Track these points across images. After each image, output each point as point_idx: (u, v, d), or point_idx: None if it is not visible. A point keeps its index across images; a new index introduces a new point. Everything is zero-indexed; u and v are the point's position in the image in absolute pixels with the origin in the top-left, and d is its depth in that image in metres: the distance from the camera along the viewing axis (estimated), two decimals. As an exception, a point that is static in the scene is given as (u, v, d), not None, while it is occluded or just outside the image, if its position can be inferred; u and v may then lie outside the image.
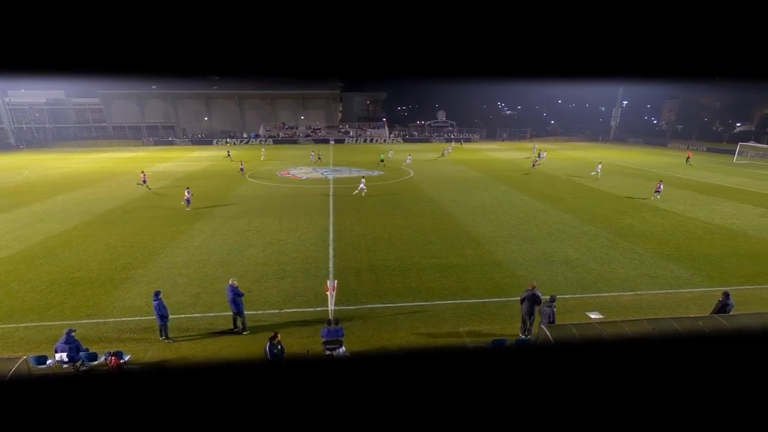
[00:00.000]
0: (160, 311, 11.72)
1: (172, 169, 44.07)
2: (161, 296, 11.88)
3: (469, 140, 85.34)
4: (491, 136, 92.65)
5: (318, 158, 51.09)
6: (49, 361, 10.31)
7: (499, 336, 11.70)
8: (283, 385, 1.01)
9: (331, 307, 12.41)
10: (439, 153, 59.11)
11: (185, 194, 26.65)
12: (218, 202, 28.03)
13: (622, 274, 16.11)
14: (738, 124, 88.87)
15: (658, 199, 28.56)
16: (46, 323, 12.72)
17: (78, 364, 10.33)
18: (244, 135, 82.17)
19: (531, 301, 11.76)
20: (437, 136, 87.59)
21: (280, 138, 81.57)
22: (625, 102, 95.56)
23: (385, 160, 48.44)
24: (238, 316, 12.33)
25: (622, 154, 60.89)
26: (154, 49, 0.97)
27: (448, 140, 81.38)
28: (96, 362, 10.43)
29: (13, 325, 12.60)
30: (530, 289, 11.90)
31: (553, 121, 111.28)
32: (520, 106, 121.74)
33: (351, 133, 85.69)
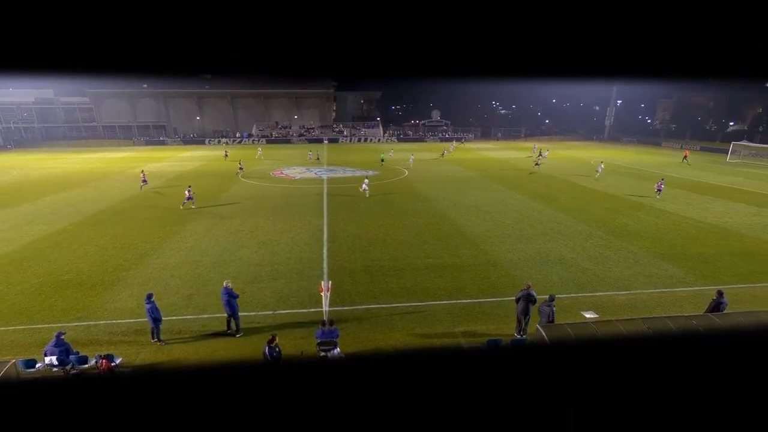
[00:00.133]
0: (153, 314, 11.57)
1: (163, 170, 43.66)
2: (154, 299, 11.74)
3: (459, 140, 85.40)
4: (486, 135, 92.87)
5: (317, 158, 50.87)
6: (38, 365, 10.16)
7: (495, 336, 11.68)
8: (281, 387, 1.00)
9: (325, 308, 12.34)
10: (438, 152, 58.91)
11: (186, 193, 26.63)
12: (211, 203, 27.81)
13: (617, 274, 16.16)
14: (731, 124, 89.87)
15: (659, 197, 28.97)
16: (35, 326, 12.53)
17: (68, 367, 10.20)
18: (237, 135, 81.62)
19: (526, 301, 11.77)
20: (432, 136, 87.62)
21: (273, 138, 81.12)
22: (620, 101, 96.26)
23: (385, 160, 48.38)
24: (232, 317, 12.20)
25: (616, 153, 61.22)
26: (146, 47, 0.94)
27: (449, 140, 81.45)
28: (86, 365, 10.30)
29: (2, 328, 12.38)
30: (525, 288, 11.91)
31: (547, 121, 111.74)
32: (514, 106, 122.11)
33: (345, 133, 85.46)
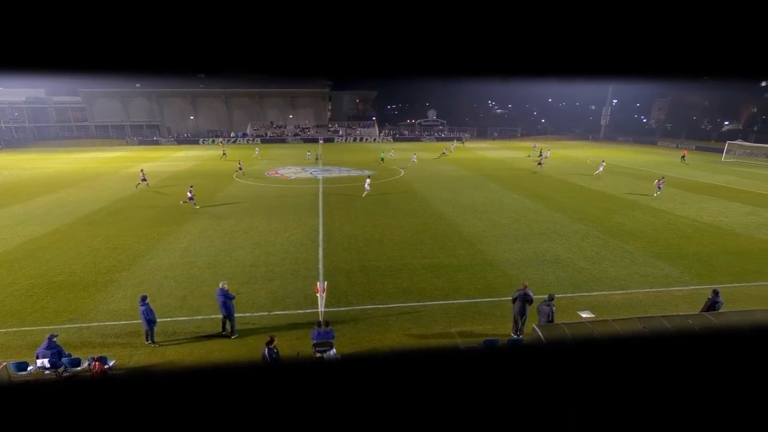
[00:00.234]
0: (148, 316, 11.46)
1: (157, 170, 43.27)
2: (148, 301, 11.63)
3: (459, 139, 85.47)
4: (482, 135, 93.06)
5: (316, 158, 50.65)
6: (30, 368, 10.07)
7: (491, 336, 11.66)
8: (278, 389, 0.98)
9: (321, 308, 12.28)
10: (435, 152, 58.76)
11: (188, 193, 26.63)
12: (205, 203, 27.62)
13: (613, 273, 16.17)
14: (726, 123, 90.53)
15: (658, 195, 29.24)
16: (26, 328, 12.37)
17: (60, 370, 10.10)
18: (232, 134, 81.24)
19: (522, 301, 11.77)
20: (428, 135, 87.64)
21: (268, 137, 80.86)
22: (615, 101, 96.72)
23: (385, 159, 48.24)
24: (227, 319, 12.10)
25: (612, 152, 61.41)
26: (139, 46, 0.93)
27: (447, 139, 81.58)
28: (79, 368, 10.21)
29: (-8, 331, 12.20)
30: (522, 288, 11.91)
31: (543, 120, 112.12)
32: (510, 105, 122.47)
33: (340, 132, 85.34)
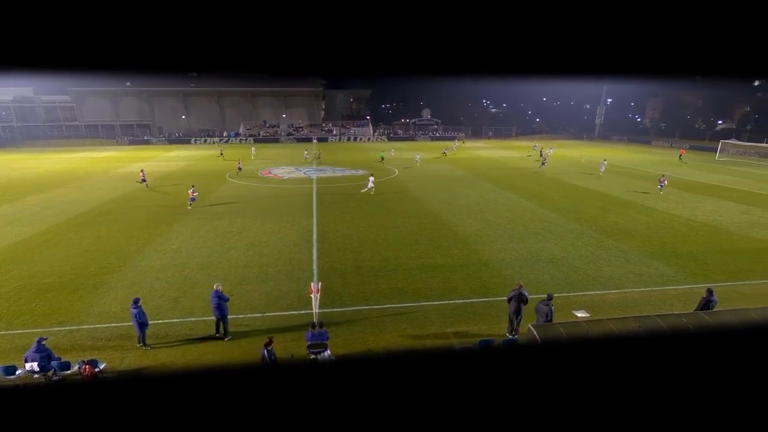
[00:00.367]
0: (140, 319, 11.32)
1: (148, 170, 42.47)
2: (140, 303, 11.48)
3: (454, 138, 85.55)
4: (477, 134, 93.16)
5: (317, 157, 50.40)
6: (18, 371, 9.95)
7: (487, 336, 11.66)
8: (273, 391, 0.97)
9: (315, 309, 12.22)
10: (433, 152, 58.64)
11: (190, 193, 26.57)
12: (197, 203, 27.34)
13: (608, 272, 16.20)
14: (719, 122, 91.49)
15: (661, 193, 29.60)
16: (15, 331, 12.17)
17: (50, 373, 9.98)
18: (224, 134, 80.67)
19: (518, 301, 11.76)
20: (422, 135, 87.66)
21: (261, 137, 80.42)
22: (610, 100, 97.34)
23: (385, 159, 48.17)
24: (221, 321, 11.98)
25: (607, 152, 61.68)
26: (130, 44, 0.91)
27: (445, 138, 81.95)
28: (69, 371, 10.11)
29: (-21, 335, 11.97)
30: (517, 288, 11.90)
31: (538, 119, 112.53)
32: (505, 104, 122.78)
33: (334, 132, 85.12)
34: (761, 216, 24.25)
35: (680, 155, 50.89)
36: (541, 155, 49.82)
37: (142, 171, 35.29)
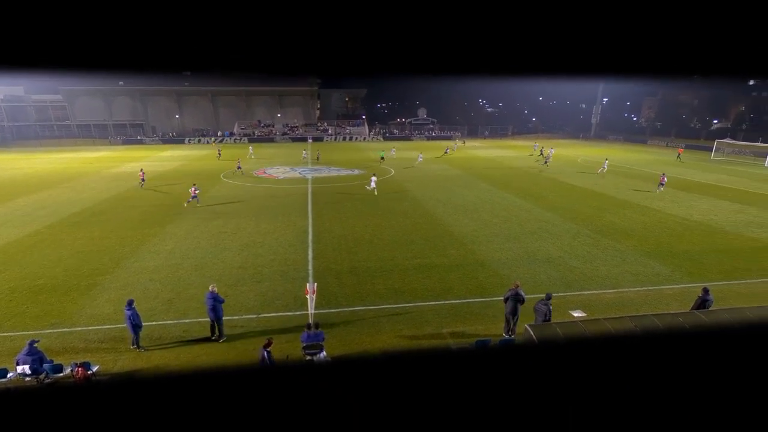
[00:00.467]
0: (134, 321, 11.20)
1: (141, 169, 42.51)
2: (134, 305, 11.36)
3: (450, 138, 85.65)
4: (473, 133, 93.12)
5: (317, 158, 50.15)
6: (10, 374, 9.86)
7: (483, 336, 11.64)
8: (269, 393, 0.97)
9: (311, 310, 12.13)
10: (432, 151, 58.43)
11: (191, 191, 26.38)
12: (191, 203, 27.16)
13: (604, 272, 16.22)
14: (715, 121, 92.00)
15: (661, 191, 29.88)
16: (6, 334, 12.02)
17: (42, 376, 9.92)
18: (219, 133, 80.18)
19: (514, 301, 11.76)
20: (418, 134, 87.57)
21: (255, 136, 79.98)
22: (606, 99, 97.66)
23: (385, 158, 48.16)
24: (216, 323, 11.87)
25: (603, 151, 61.74)
26: (123, 43, 0.90)
27: (453, 138, 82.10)
28: (61, 374, 10.04)
29: (-31, 338, 11.82)
30: (513, 288, 11.90)
31: (534, 119, 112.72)
32: (501, 104, 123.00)
33: (330, 131, 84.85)
34: (756, 215, 24.39)
35: (678, 154, 51.33)
36: (542, 155, 49.92)
37: (142, 170, 34.86)
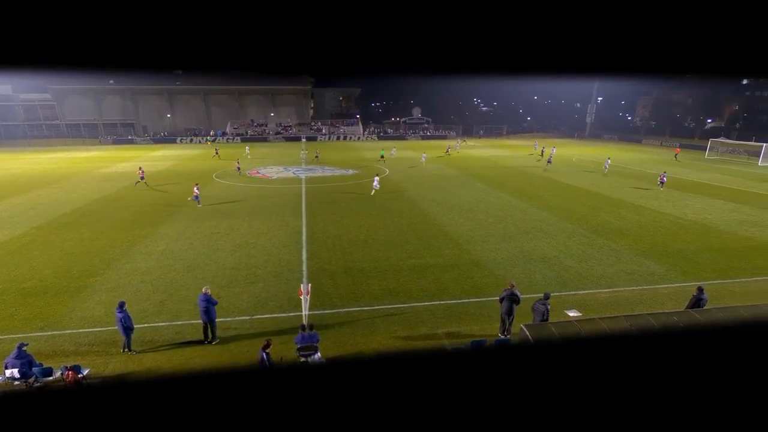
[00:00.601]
0: (126, 323, 11.04)
1: (133, 170, 41.78)
2: (126, 307, 11.19)
3: (445, 137, 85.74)
4: (468, 132, 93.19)
5: (315, 158, 49.96)
6: (-2, 378, 9.72)
7: (479, 337, 11.62)
8: (265, 395, 0.96)
9: (305, 311, 12.06)
10: (430, 151, 58.36)
11: (194, 191, 26.24)
12: (183, 204, 26.92)
13: (600, 271, 16.24)
14: (709, 121, 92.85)
15: (662, 189, 30.26)
16: (-7, 338, 11.77)
17: (31, 380, 9.80)
18: (211, 133, 79.60)
19: (510, 301, 11.75)
20: (413, 134, 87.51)
21: (248, 136, 79.53)
22: (600, 98, 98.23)
23: (385, 157, 48.09)
24: (209, 325, 11.73)
25: (598, 150, 62.07)
26: (113, 41, 0.88)
27: (448, 137, 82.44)
28: (51, 378, 9.91)
29: (-45, 342, 11.57)
30: (509, 288, 11.88)
31: (529, 118, 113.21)
32: (496, 103, 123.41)
33: (323, 131, 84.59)
34: (750, 214, 24.58)
35: (676, 154, 51.92)
36: (542, 154, 50.08)
37: (141, 169, 34.31)
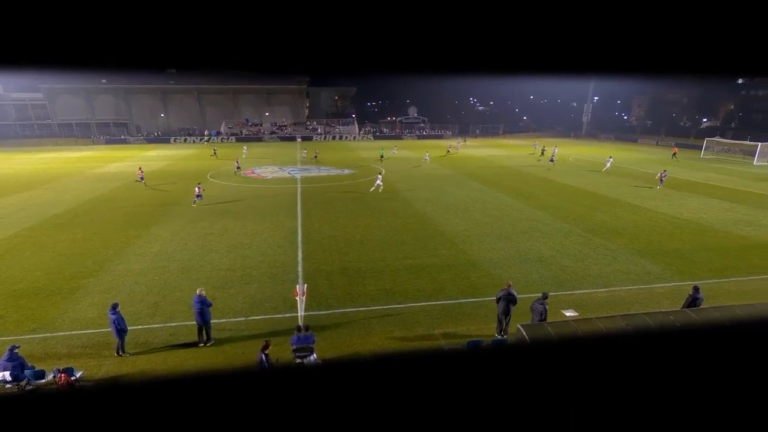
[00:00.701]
0: (119, 325, 10.91)
1: (126, 170, 41.69)
2: (119, 309, 11.07)
3: (441, 137, 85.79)
4: (464, 132, 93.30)
5: (314, 157, 49.76)
6: (-11, 381, 9.58)
7: (475, 337, 11.59)
8: (262, 396, 0.95)
9: (300, 312, 12.00)
10: (427, 151, 58.37)
11: (196, 190, 26.15)
12: (177, 204, 26.74)
13: (596, 271, 16.25)
14: (704, 120, 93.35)
15: (659, 188, 30.51)
16: (-16, 340, 11.61)
17: (23, 383, 9.72)
18: (205, 132, 79.14)
19: (506, 301, 11.72)
20: (409, 133, 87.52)
21: (243, 136, 79.21)
22: (596, 98, 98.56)
23: (384, 157, 47.86)
24: (204, 326, 11.62)
25: (594, 150, 62.19)
26: (106, 39, 0.86)
27: (456, 137, 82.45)
28: (43, 380, 9.85)
29: (-56, 345, 11.39)
30: (505, 288, 11.85)
31: (525, 117, 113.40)
32: (492, 102, 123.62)
33: (319, 130, 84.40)
34: (745, 213, 24.70)
35: (673, 153, 52.27)
36: (543, 154, 50.19)
37: (141, 170, 34.07)
